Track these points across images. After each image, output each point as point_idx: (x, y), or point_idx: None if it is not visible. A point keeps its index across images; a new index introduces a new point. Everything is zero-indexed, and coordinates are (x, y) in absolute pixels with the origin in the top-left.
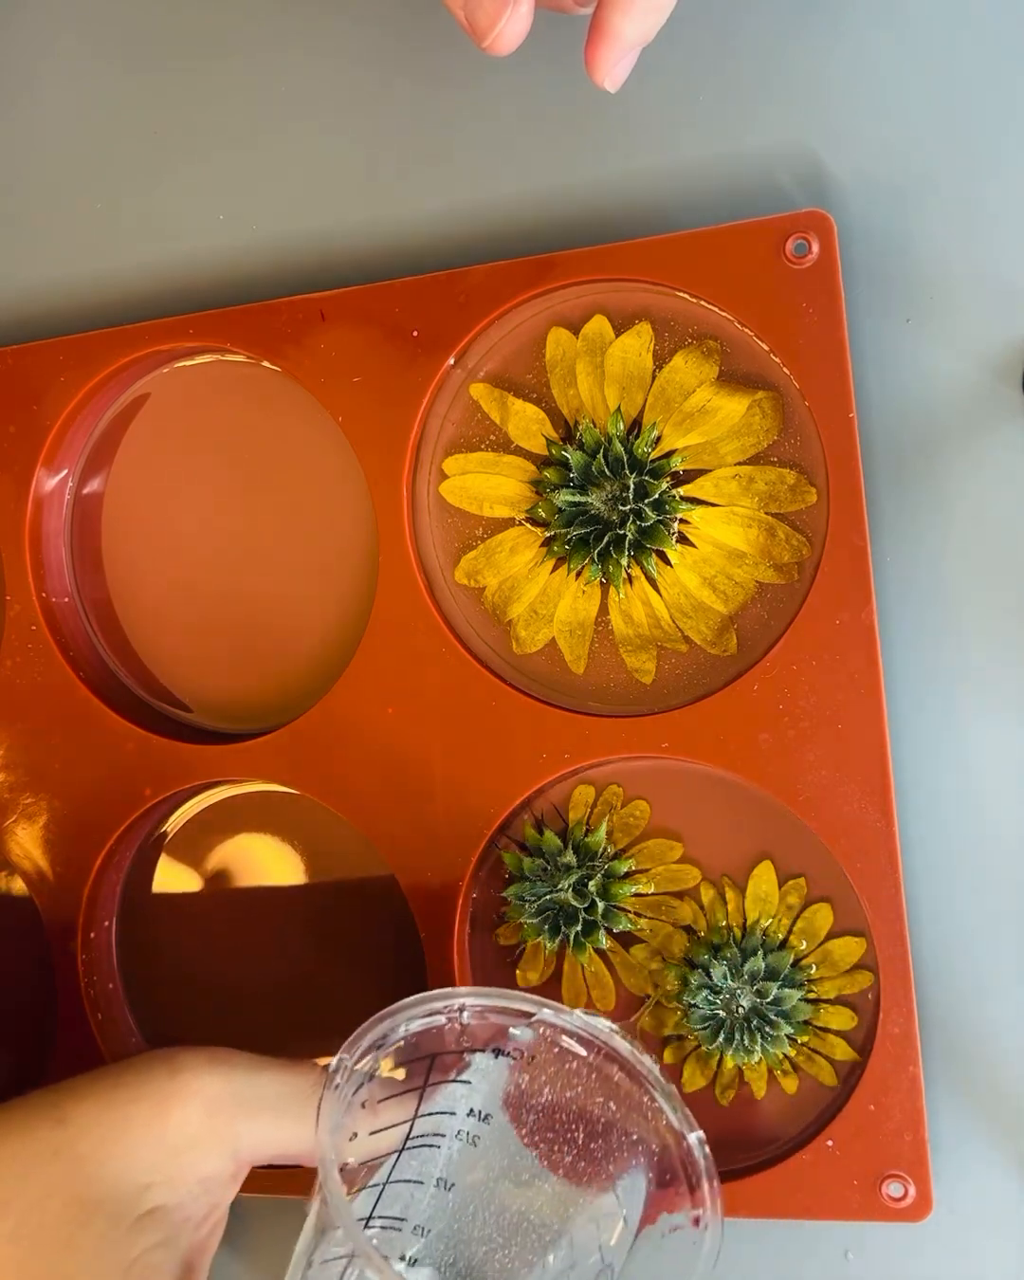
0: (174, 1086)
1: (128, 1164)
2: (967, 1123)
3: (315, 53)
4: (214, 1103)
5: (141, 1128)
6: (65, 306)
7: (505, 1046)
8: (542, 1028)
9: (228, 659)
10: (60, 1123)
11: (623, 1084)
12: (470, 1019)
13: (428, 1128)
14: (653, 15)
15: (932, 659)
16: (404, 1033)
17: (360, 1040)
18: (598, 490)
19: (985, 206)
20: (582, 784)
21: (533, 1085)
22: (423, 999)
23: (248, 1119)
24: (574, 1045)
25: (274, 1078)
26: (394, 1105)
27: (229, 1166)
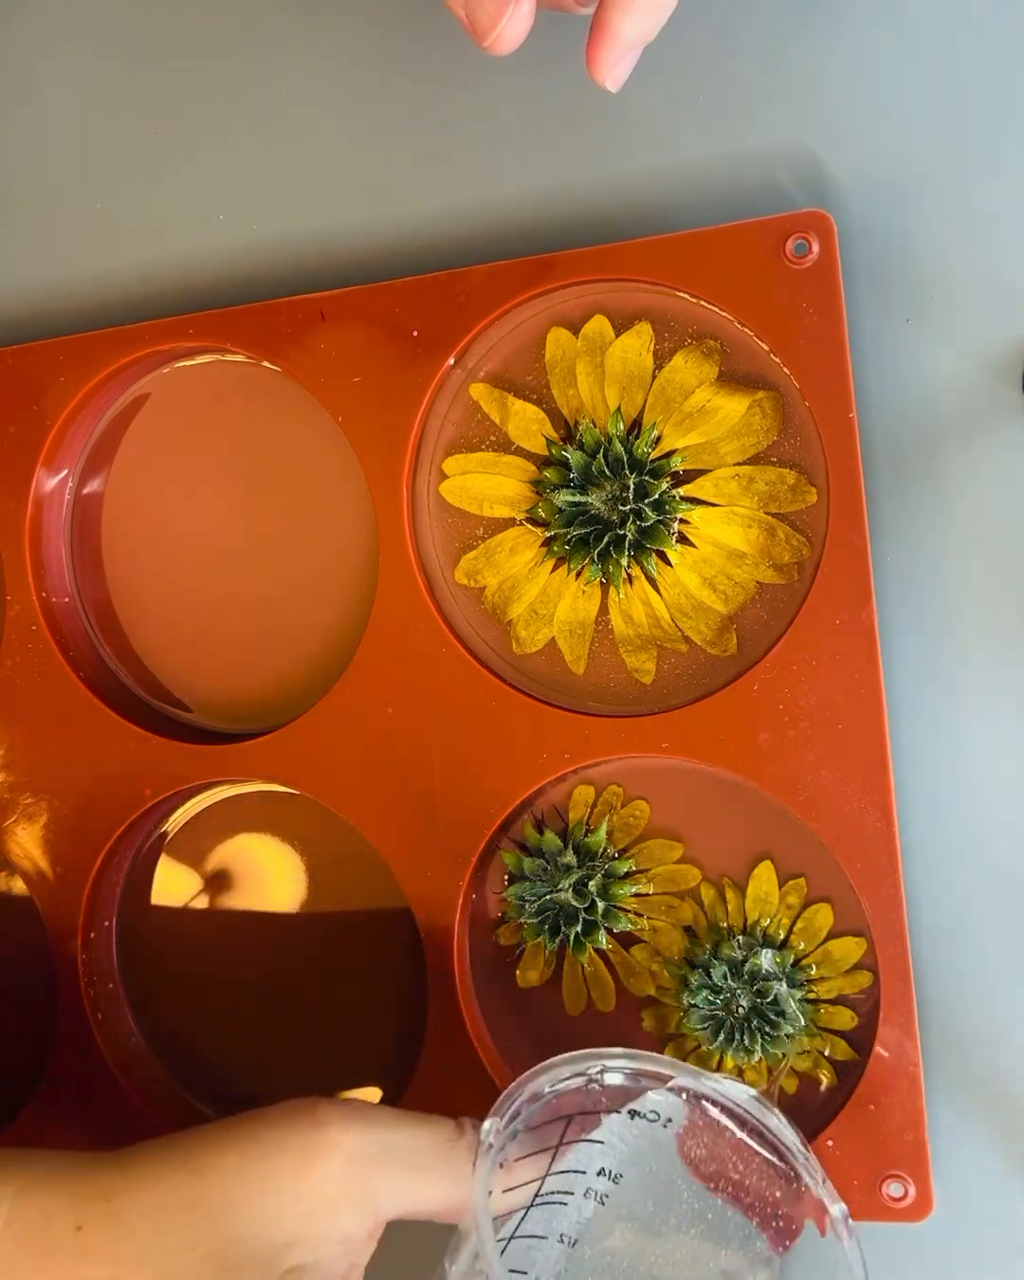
0: (317, 1139)
1: (268, 1220)
2: (967, 1123)
3: (315, 52)
4: (354, 1159)
5: (282, 1183)
6: (65, 306)
7: (641, 1109)
8: (682, 1093)
9: (228, 659)
10: (198, 1174)
11: (761, 1152)
12: (610, 1081)
13: (557, 1185)
14: (654, 15)
15: (932, 659)
16: (548, 1094)
17: (509, 1103)
18: (598, 490)
19: (985, 206)
20: (581, 784)
21: (674, 1149)
22: (570, 1059)
23: (387, 1175)
24: (714, 1112)
25: (411, 1133)
26: (529, 1164)
27: (368, 1224)
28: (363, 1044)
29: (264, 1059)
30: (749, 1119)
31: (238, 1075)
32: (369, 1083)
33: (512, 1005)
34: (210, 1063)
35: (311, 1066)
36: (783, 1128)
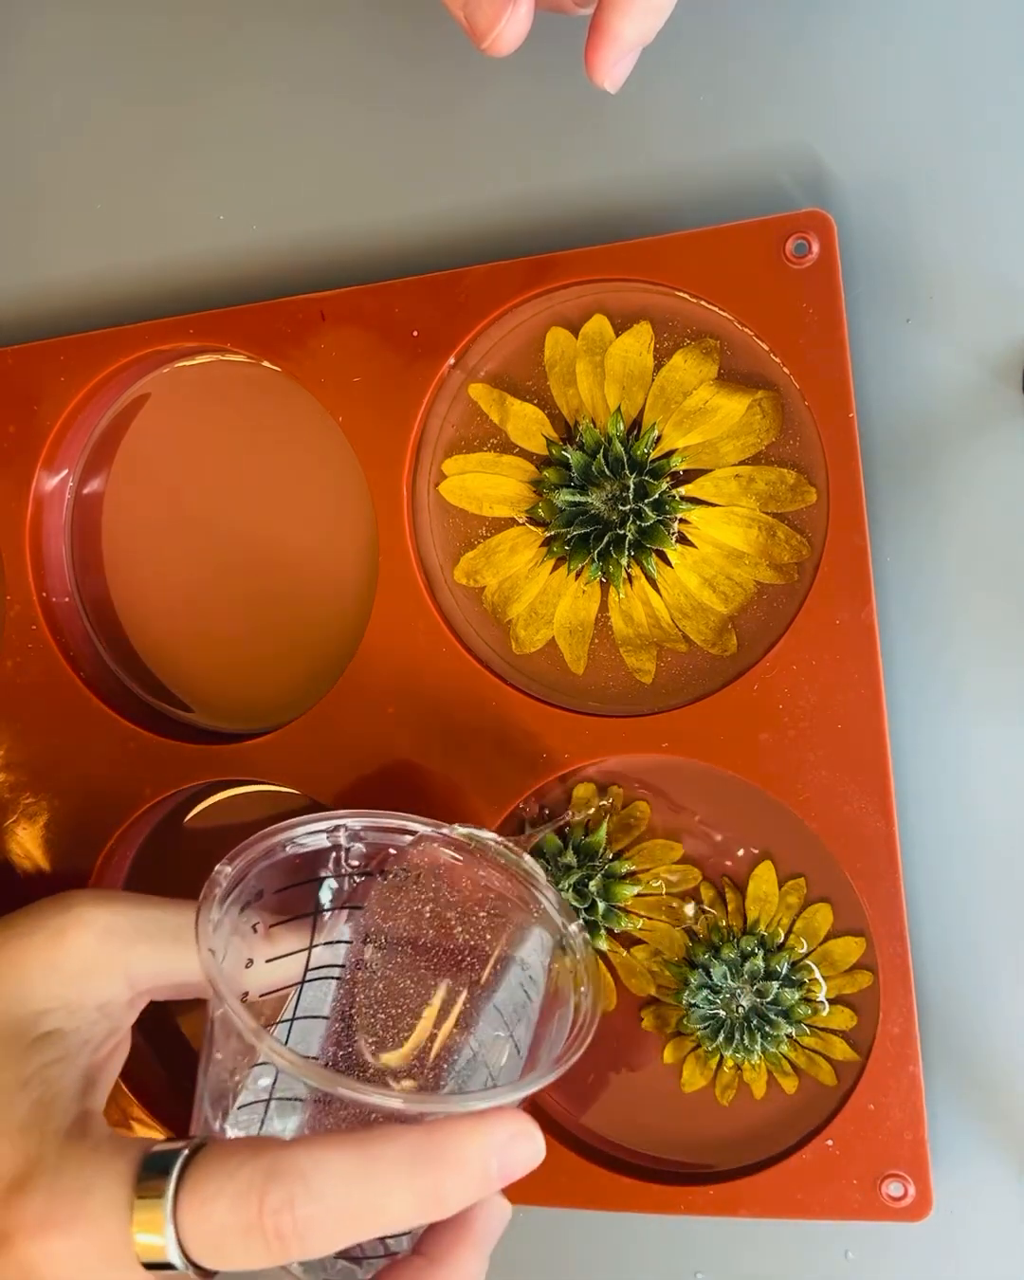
0: (66, 919)
1: (24, 992)
2: (967, 1123)
3: (316, 53)
4: (106, 932)
5: (36, 958)
6: (65, 306)
7: (389, 867)
8: (422, 843)
9: (228, 659)
10: None
11: (506, 887)
12: (352, 841)
13: (326, 958)
14: (652, 16)
15: (932, 659)
16: (288, 852)
17: (242, 853)
18: (598, 490)
19: (986, 206)
20: (581, 784)
21: (417, 900)
22: (303, 820)
23: (141, 948)
24: (454, 855)
25: (164, 910)
26: (288, 932)
27: (125, 992)
28: None
29: None
30: (487, 855)
31: None
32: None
33: None
34: None
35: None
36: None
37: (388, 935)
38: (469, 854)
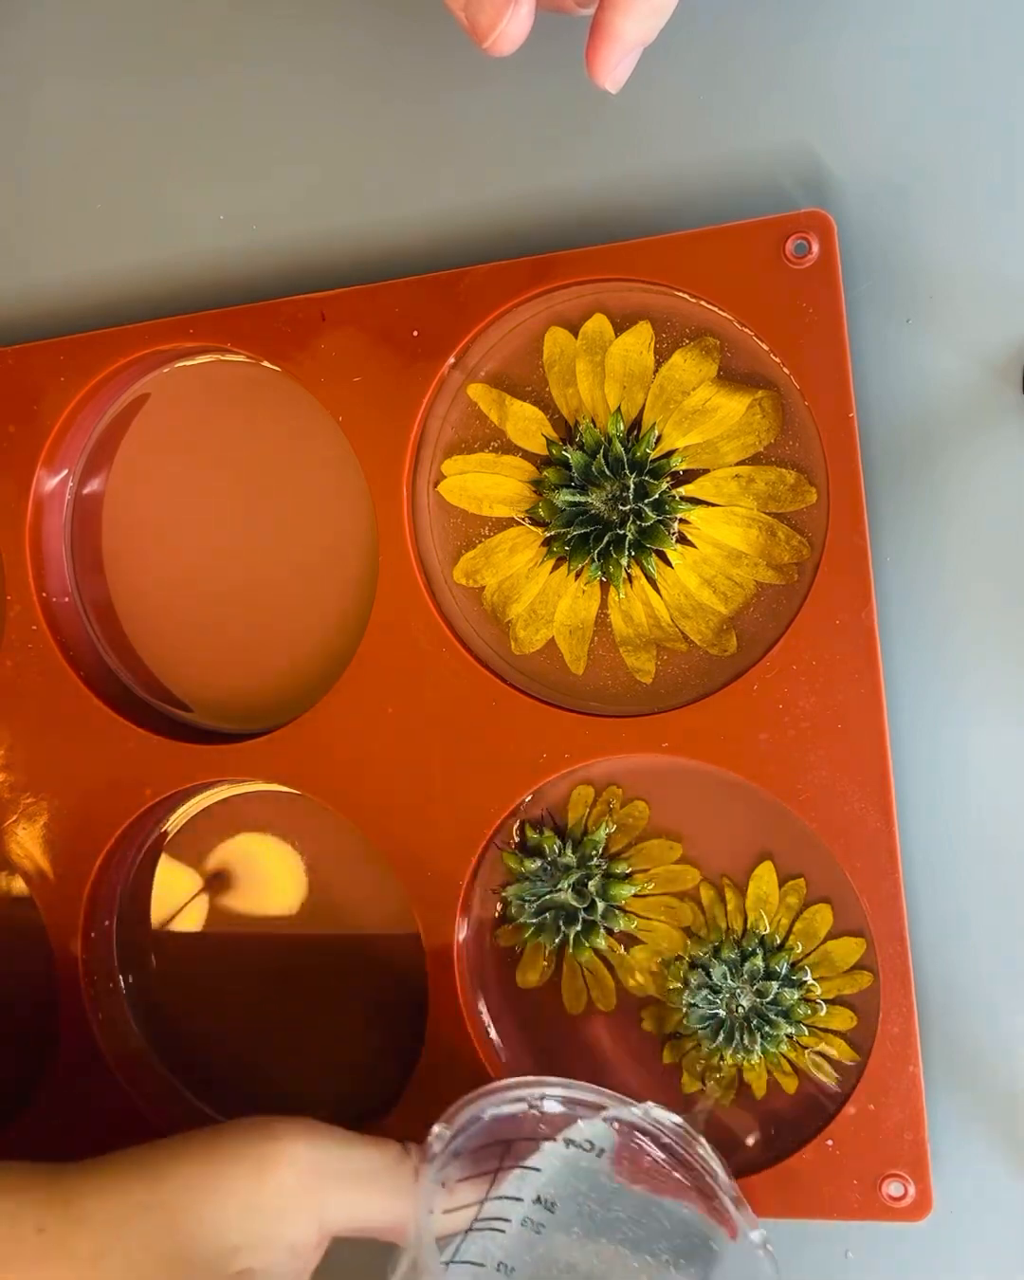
0: (271, 1152)
1: (222, 1225)
2: (967, 1123)
3: (316, 53)
4: (306, 1172)
5: (235, 1190)
6: (65, 306)
7: (576, 1137)
8: (613, 1122)
9: (228, 659)
10: (157, 1179)
11: (686, 1180)
12: (548, 1108)
13: (495, 1211)
14: (654, 16)
15: (932, 659)
16: (489, 1117)
17: (456, 1114)
18: (598, 490)
19: (985, 206)
20: (581, 784)
21: (596, 1173)
22: (512, 1084)
23: (336, 1189)
24: (645, 1142)
25: (360, 1151)
26: (468, 1187)
27: (315, 1235)
28: (363, 1043)
29: (263, 1058)
30: (676, 1146)
31: (238, 1074)
32: (368, 1082)
33: (512, 1005)
34: (210, 1062)
35: (311, 1065)
36: (707, 1155)
37: (558, 1203)
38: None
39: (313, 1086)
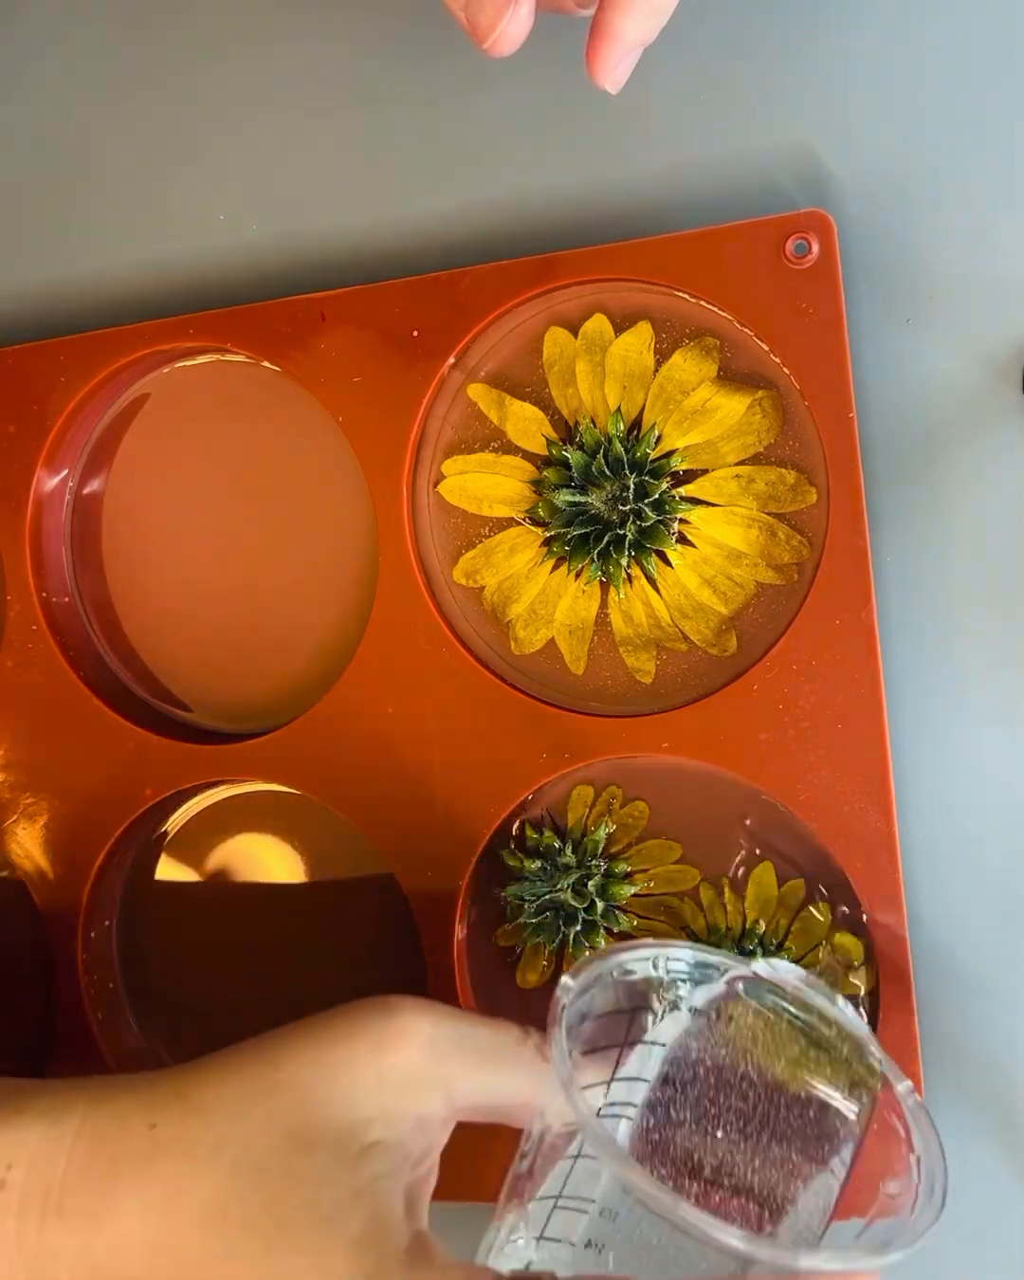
0: (392, 1027)
1: (348, 1099)
2: (967, 1123)
3: (316, 53)
4: (431, 1043)
5: (359, 1065)
6: (65, 306)
7: (702, 1005)
8: (736, 982)
9: (228, 659)
10: (274, 1065)
11: (822, 1035)
12: (672, 974)
13: (621, 1094)
14: (654, 17)
15: (932, 659)
16: (615, 975)
17: (582, 970)
18: (598, 490)
19: (986, 206)
20: (581, 784)
21: (729, 1044)
22: (637, 944)
23: (461, 1064)
24: (768, 998)
25: (483, 1029)
26: (592, 1063)
27: (443, 1109)
28: None
29: None
30: (811, 1002)
31: None
32: None
33: (511, 1005)
34: None
35: None
36: (837, 1005)
37: (693, 1080)
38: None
39: None
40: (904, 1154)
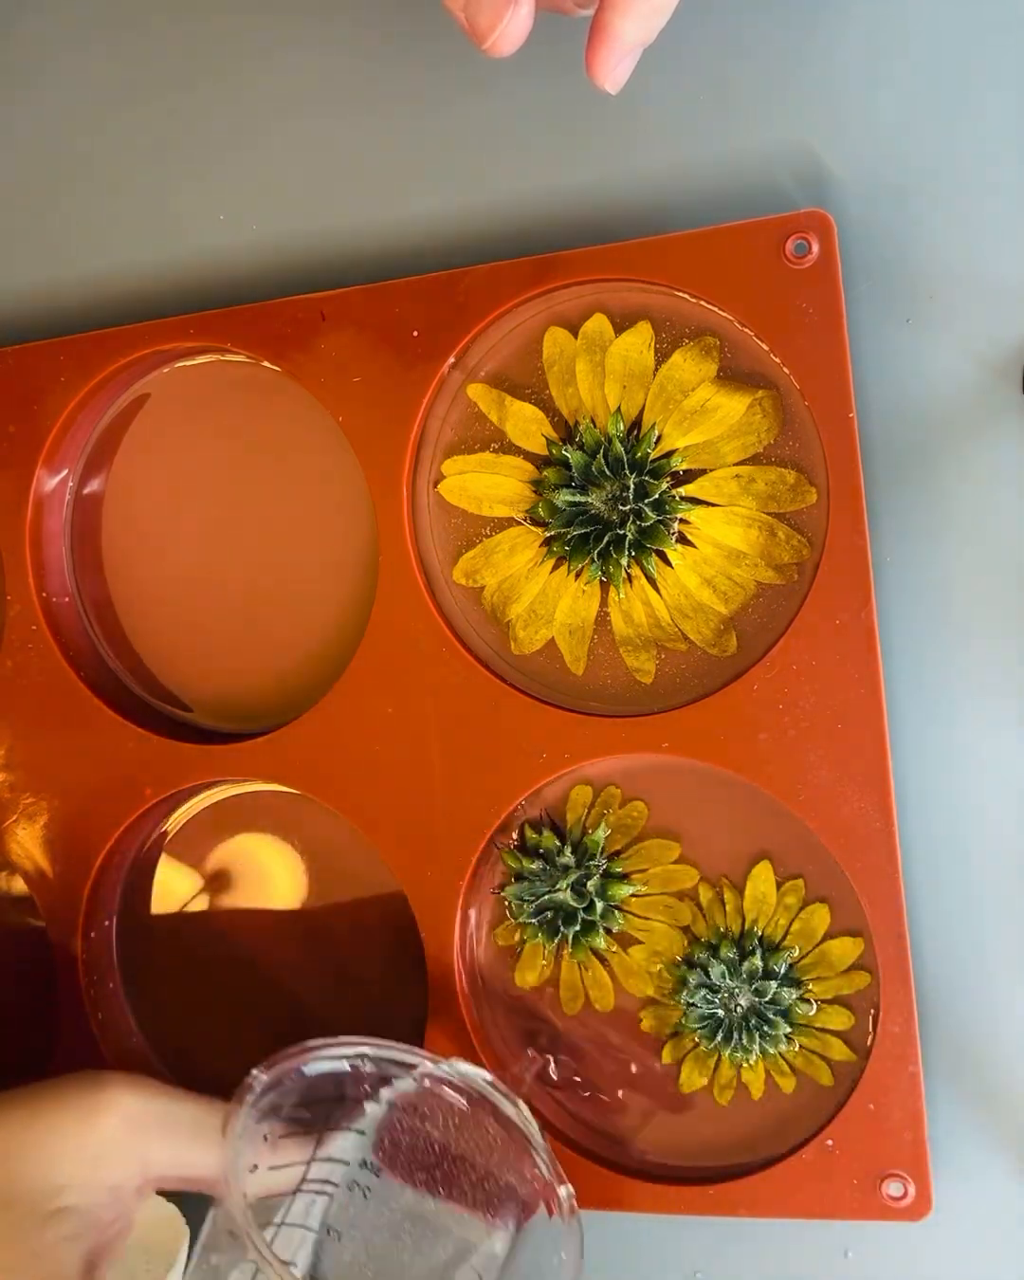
0: (99, 1101)
1: (48, 1166)
2: (967, 1123)
3: (316, 53)
4: (131, 1119)
5: (63, 1134)
6: (65, 306)
7: (394, 1098)
8: (425, 1079)
9: (228, 659)
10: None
11: (497, 1134)
12: (369, 1068)
13: (322, 1173)
14: (654, 17)
15: (932, 659)
16: (310, 1072)
17: (277, 1062)
18: (598, 490)
19: (986, 206)
20: (580, 784)
21: (416, 1134)
22: (331, 1042)
23: (160, 1139)
24: (452, 1095)
25: (189, 1106)
26: (293, 1144)
27: (136, 1179)
28: None
29: (263, 1058)
30: (486, 1102)
31: (237, 1076)
32: None
33: (511, 1005)
34: (210, 1063)
35: None
36: (516, 1109)
37: (381, 1162)
38: (471, 1100)
39: None
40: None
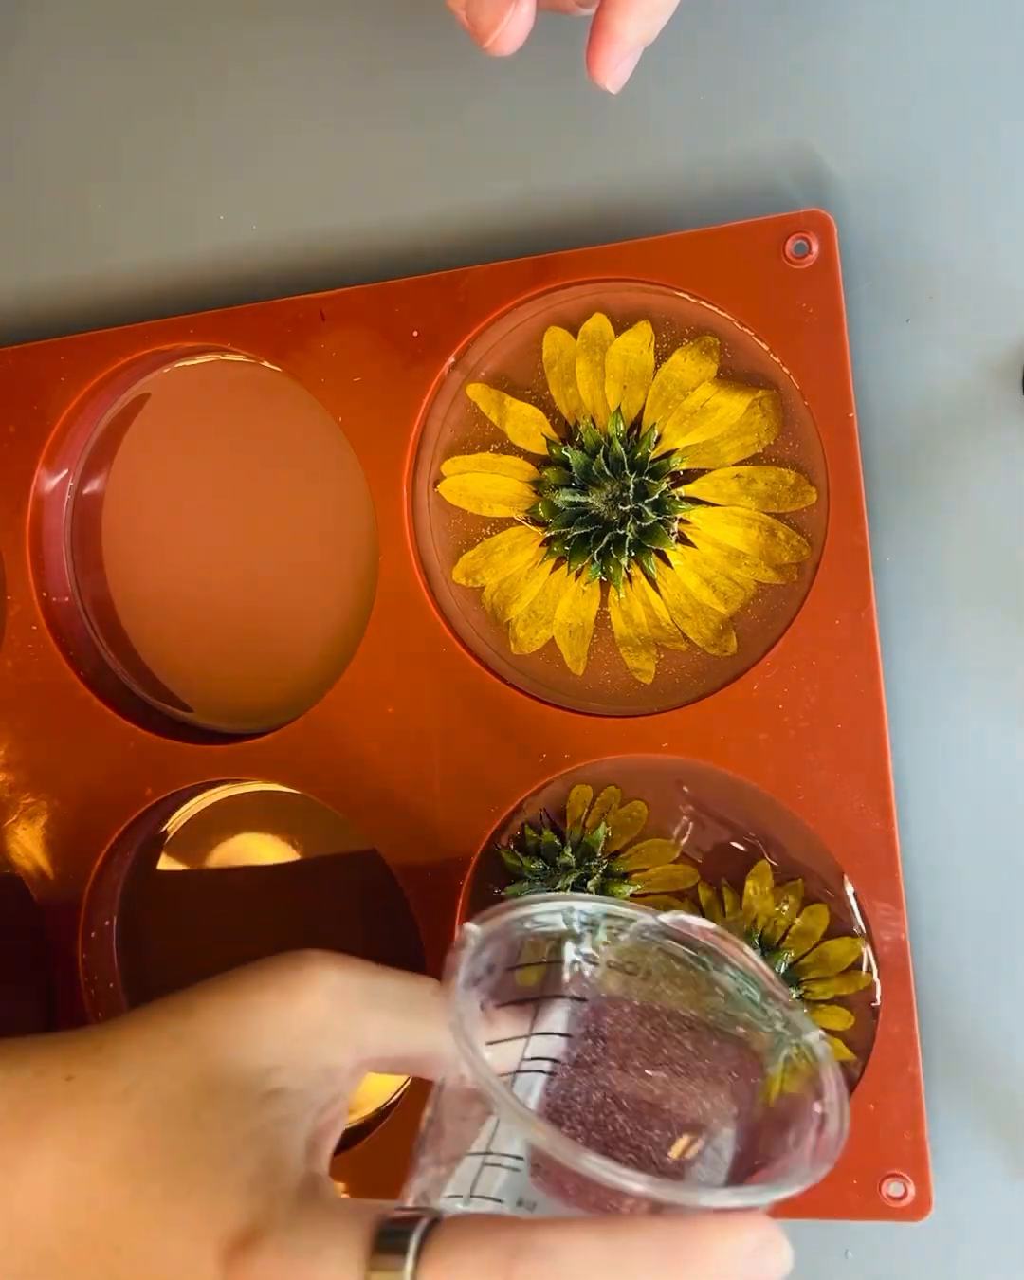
0: (300, 978)
1: (253, 1048)
2: (967, 1123)
3: (316, 53)
4: (339, 994)
5: (266, 1015)
6: (65, 306)
7: (619, 960)
8: (644, 932)
9: (228, 659)
10: (186, 1014)
11: (729, 985)
12: (583, 927)
13: (542, 1049)
14: (655, 16)
15: (932, 659)
16: (528, 928)
17: (486, 920)
18: (598, 490)
19: (986, 206)
20: (580, 784)
21: (641, 997)
22: (538, 898)
23: (371, 1013)
24: (677, 948)
25: (396, 981)
26: (508, 1015)
27: (351, 1059)
28: None
29: None
30: (715, 953)
31: None
32: (367, 1082)
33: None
34: None
35: None
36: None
37: (609, 1032)
38: (698, 950)
39: None
40: (809, 1103)
